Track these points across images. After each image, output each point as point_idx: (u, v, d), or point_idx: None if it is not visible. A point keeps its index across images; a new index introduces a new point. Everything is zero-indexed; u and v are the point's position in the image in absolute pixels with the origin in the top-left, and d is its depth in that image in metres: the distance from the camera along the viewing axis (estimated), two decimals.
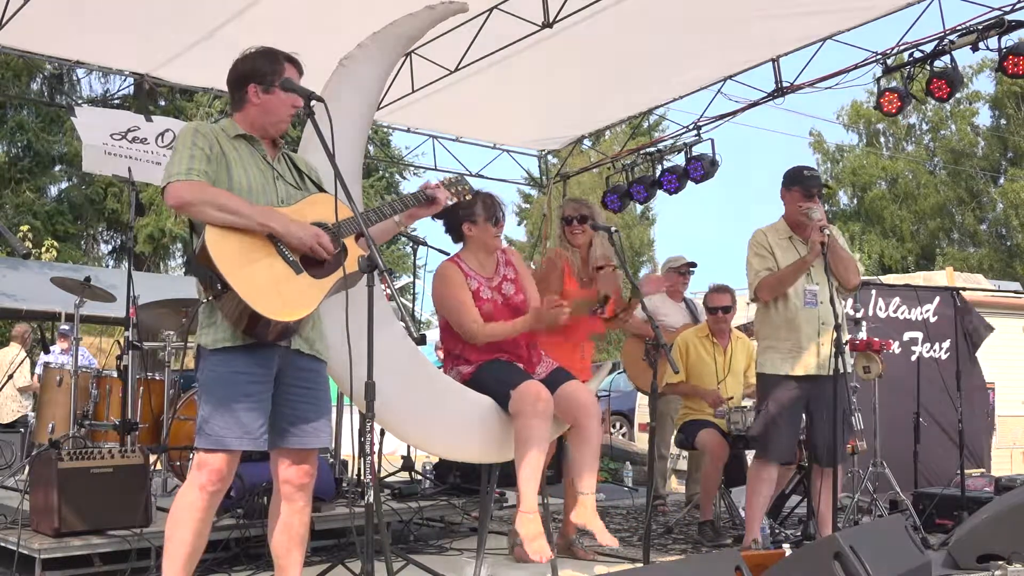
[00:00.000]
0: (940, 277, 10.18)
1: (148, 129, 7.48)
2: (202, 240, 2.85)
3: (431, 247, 6.29)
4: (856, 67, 7.16)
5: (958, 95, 25.25)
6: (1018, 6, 6.13)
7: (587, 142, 10.62)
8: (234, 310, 2.85)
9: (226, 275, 2.81)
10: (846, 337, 4.78)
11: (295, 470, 3.10)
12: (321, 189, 3.22)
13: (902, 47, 6.85)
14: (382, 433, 5.67)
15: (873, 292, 7.55)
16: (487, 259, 4.19)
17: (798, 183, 4.73)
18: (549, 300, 3.96)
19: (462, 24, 6.41)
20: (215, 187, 2.92)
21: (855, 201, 31.87)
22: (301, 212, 3.04)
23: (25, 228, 18.09)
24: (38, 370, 8.21)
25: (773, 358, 4.68)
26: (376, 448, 4.56)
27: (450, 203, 3.61)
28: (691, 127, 8.46)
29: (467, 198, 3.75)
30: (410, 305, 9.28)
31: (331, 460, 5.52)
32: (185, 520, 2.92)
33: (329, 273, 3.02)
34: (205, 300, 2.95)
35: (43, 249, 17.44)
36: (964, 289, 8.63)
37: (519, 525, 3.71)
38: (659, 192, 8.67)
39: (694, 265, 6.91)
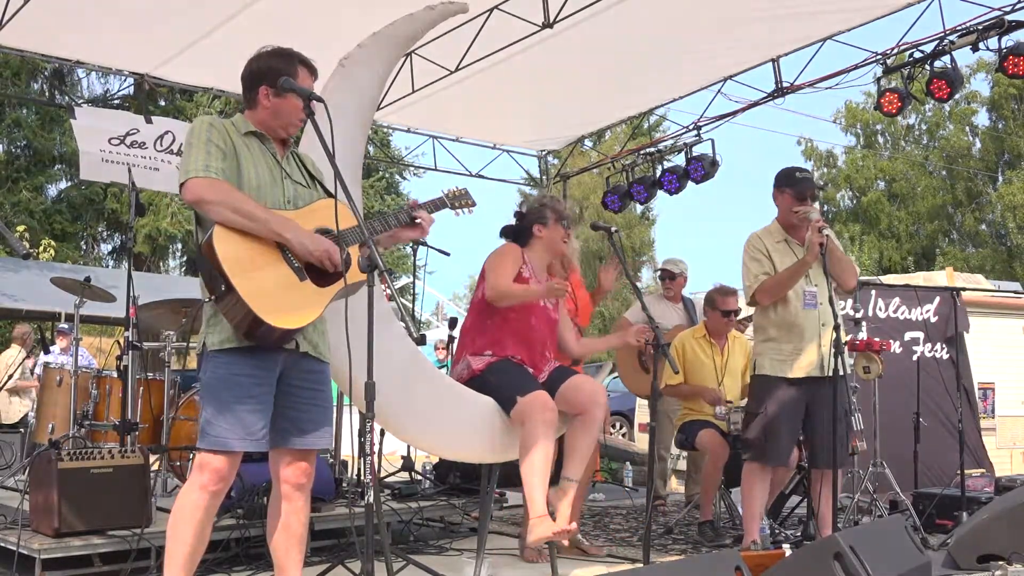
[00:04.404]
0: (940, 277, 10.17)
1: (147, 132, 7.47)
2: (209, 237, 2.84)
3: (431, 247, 6.32)
4: (856, 67, 7.16)
5: (956, 96, 25.25)
6: (1018, 6, 6.13)
7: (587, 142, 10.62)
8: (236, 313, 2.85)
9: (231, 277, 2.80)
10: (846, 337, 4.77)
11: (294, 469, 3.10)
12: (327, 191, 3.22)
13: (902, 47, 6.84)
14: (382, 433, 5.67)
15: (873, 292, 7.55)
16: (543, 264, 4.29)
17: (790, 185, 4.71)
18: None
19: (462, 24, 6.41)
20: (233, 187, 2.92)
21: (854, 203, 31.89)
22: (306, 217, 3.04)
23: (21, 228, 18.08)
24: (38, 370, 8.20)
25: (773, 360, 4.66)
26: (376, 448, 4.57)
27: (463, 212, 3.67)
28: (691, 127, 8.46)
29: (469, 212, 3.80)
30: (410, 305, 9.29)
31: (331, 460, 5.52)
32: (186, 520, 2.92)
33: (333, 281, 3.01)
34: (208, 299, 2.95)
35: (40, 249, 17.44)
36: (964, 289, 8.63)
37: (533, 531, 3.70)
38: (659, 192, 8.67)
39: (666, 272, 6.93)
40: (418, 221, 3.36)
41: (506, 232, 4.40)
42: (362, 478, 5.44)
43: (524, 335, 4.08)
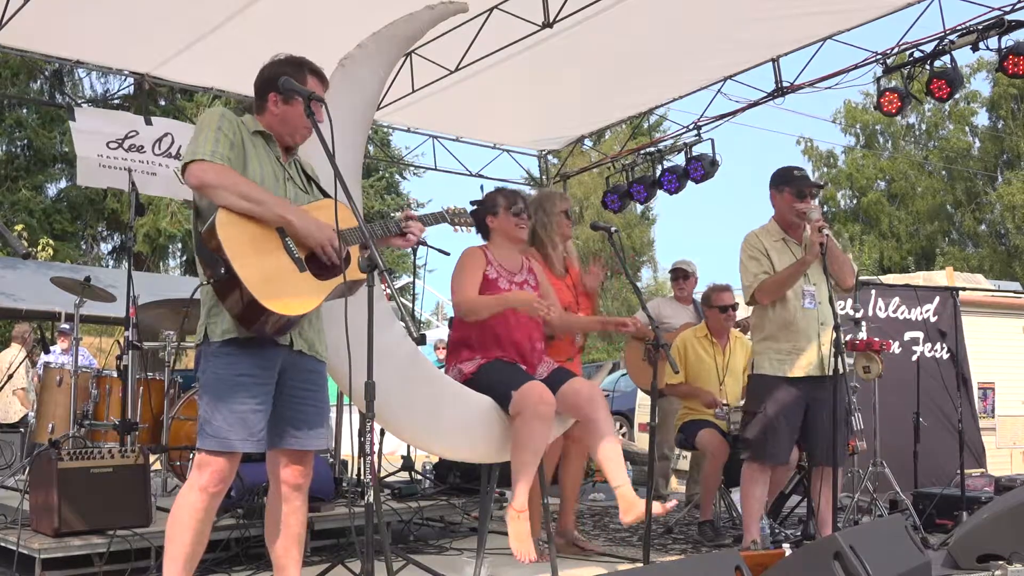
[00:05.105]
0: (940, 277, 10.16)
1: (146, 134, 7.44)
2: (212, 222, 2.85)
3: (431, 247, 6.31)
4: (856, 67, 7.16)
5: (956, 95, 25.20)
6: (1018, 6, 6.13)
7: (587, 142, 10.62)
8: (234, 297, 2.85)
9: (231, 260, 2.81)
10: (846, 337, 4.77)
11: (291, 470, 3.11)
12: (327, 195, 3.22)
13: (902, 47, 6.85)
14: (382, 433, 5.67)
15: (873, 292, 7.55)
16: (512, 253, 4.24)
17: (789, 184, 4.71)
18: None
19: (462, 24, 6.42)
20: (238, 173, 2.94)
21: (854, 203, 31.90)
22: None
23: (20, 227, 18.07)
24: (38, 370, 8.21)
25: (772, 359, 4.66)
26: (376, 448, 4.57)
27: (461, 230, 3.72)
28: (691, 127, 8.46)
29: (468, 231, 3.82)
30: (410, 305, 9.28)
31: (331, 460, 5.52)
32: (186, 521, 2.92)
33: (332, 276, 3.02)
34: (206, 282, 2.95)
35: (39, 248, 17.44)
36: (964, 289, 8.63)
37: (509, 520, 3.72)
38: (659, 192, 8.67)
39: (680, 271, 6.90)
40: (408, 233, 3.34)
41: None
42: (362, 478, 5.44)
43: (508, 336, 4.05)
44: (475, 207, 4.29)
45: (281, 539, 3.12)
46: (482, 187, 4.58)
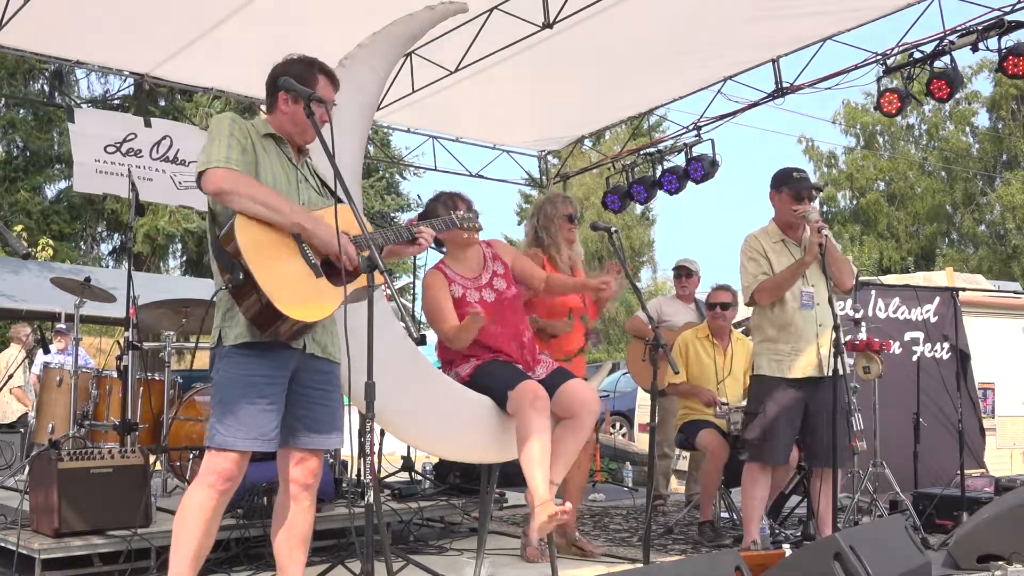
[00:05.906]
0: (940, 277, 10.15)
1: (145, 138, 7.42)
2: (231, 227, 2.85)
3: (432, 247, 6.31)
4: (856, 67, 7.17)
5: (956, 96, 25.16)
6: (1018, 6, 6.14)
7: (587, 142, 10.62)
8: (251, 302, 2.85)
9: (250, 264, 2.81)
10: (846, 338, 4.77)
11: (302, 469, 3.11)
12: (336, 198, 3.22)
13: (902, 47, 6.85)
14: (382, 433, 5.67)
15: (873, 292, 7.54)
16: (469, 258, 4.18)
17: (787, 185, 4.71)
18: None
19: (462, 24, 6.42)
20: (254, 179, 2.94)
21: (853, 203, 31.89)
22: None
23: (19, 228, 18.07)
24: (37, 370, 8.20)
25: (771, 360, 4.67)
26: (376, 448, 4.57)
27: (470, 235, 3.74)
28: (691, 127, 8.46)
29: (474, 236, 3.83)
30: (410, 305, 9.28)
31: (331, 460, 5.52)
32: (193, 519, 2.92)
33: (348, 281, 3.01)
34: (224, 287, 2.95)
35: (39, 248, 17.46)
36: (964, 289, 8.62)
37: (535, 519, 3.62)
38: (659, 192, 8.67)
39: (682, 269, 6.87)
40: (419, 240, 3.32)
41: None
42: (362, 478, 5.44)
43: (494, 339, 4.02)
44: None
45: (287, 539, 3.12)
46: (419, 196, 4.39)
